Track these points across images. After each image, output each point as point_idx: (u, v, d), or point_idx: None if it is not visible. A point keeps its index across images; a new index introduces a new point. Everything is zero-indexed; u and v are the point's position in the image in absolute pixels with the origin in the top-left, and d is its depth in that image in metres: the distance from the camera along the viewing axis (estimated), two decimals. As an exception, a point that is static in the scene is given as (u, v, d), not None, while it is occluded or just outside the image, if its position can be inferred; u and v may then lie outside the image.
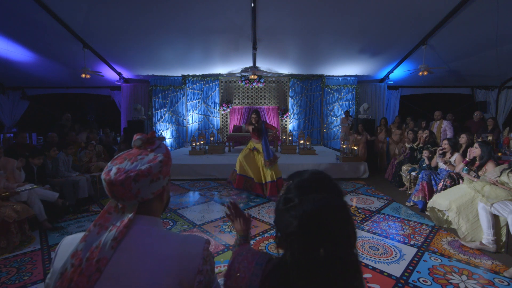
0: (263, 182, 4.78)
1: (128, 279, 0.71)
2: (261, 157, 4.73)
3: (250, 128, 4.81)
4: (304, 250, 0.62)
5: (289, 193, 0.71)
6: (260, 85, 9.66)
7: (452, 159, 4.19)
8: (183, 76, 9.66)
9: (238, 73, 9.54)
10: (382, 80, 9.91)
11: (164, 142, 0.94)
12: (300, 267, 0.62)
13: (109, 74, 8.94)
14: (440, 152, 4.37)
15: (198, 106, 9.95)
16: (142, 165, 0.80)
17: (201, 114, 9.99)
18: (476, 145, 3.65)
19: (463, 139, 4.42)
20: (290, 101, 9.98)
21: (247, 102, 10.07)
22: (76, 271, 0.70)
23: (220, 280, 1.06)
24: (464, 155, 4.24)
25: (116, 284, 0.70)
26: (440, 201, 3.45)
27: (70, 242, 0.79)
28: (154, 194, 0.83)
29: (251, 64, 8.82)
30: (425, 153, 4.83)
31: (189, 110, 9.93)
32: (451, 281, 2.42)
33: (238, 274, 0.73)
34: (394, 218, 3.93)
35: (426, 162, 4.74)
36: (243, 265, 0.74)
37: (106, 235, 0.75)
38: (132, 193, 0.78)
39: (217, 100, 9.97)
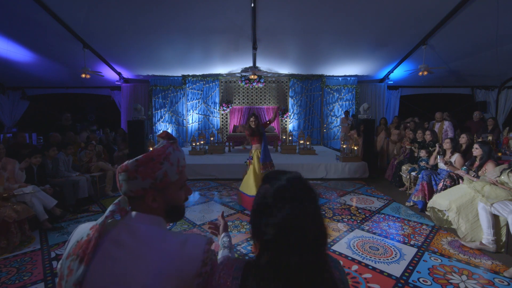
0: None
1: (126, 279, 0.71)
2: (257, 162, 4.30)
3: (249, 131, 4.35)
4: (279, 256, 0.66)
5: (265, 199, 0.73)
6: (260, 85, 9.66)
7: (452, 159, 4.19)
8: (183, 76, 9.66)
9: (238, 73, 9.53)
10: (382, 80, 9.91)
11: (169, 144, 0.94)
12: (274, 271, 0.67)
13: (109, 74, 8.94)
14: (440, 152, 4.37)
15: (198, 106, 9.95)
16: (131, 160, 0.83)
17: (201, 114, 9.99)
18: (476, 145, 3.65)
19: (463, 139, 4.42)
20: (290, 101, 9.98)
21: (247, 102, 10.07)
22: (87, 239, 0.74)
23: None
24: (464, 155, 4.24)
25: (114, 283, 0.70)
26: (440, 201, 3.45)
27: (82, 230, 0.81)
28: (134, 193, 0.81)
29: (251, 64, 8.82)
30: (422, 152, 4.82)
31: (189, 110, 9.93)
32: (451, 281, 2.43)
33: (219, 282, 0.75)
34: (394, 218, 3.93)
35: (423, 163, 4.73)
36: (224, 272, 0.76)
37: (109, 209, 0.79)
38: (119, 184, 0.82)
39: (217, 100, 9.97)
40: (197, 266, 0.75)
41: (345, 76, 9.76)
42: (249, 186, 4.23)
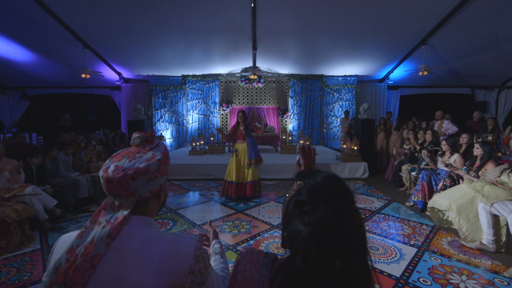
0: (245, 182, 4.63)
1: (119, 280, 0.71)
2: (244, 157, 4.62)
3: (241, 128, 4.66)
4: (320, 259, 0.60)
5: (300, 196, 0.68)
6: (260, 85, 9.65)
7: (452, 160, 4.18)
8: (183, 76, 9.66)
9: (238, 73, 9.53)
10: (382, 80, 9.91)
11: (163, 141, 0.92)
12: (315, 275, 0.61)
13: (109, 74, 8.94)
14: (439, 153, 4.37)
15: (198, 106, 9.95)
16: (140, 163, 0.80)
17: (201, 114, 9.99)
18: (476, 145, 3.65)
19: (463, 139, 4.42)
20: (290, 101, 9.98)
21: (247, 102, 10.07)
22: (71, 267, 0.70)
23: None
24: (464, 155, 4.24)
25: (108, 286, 0.71)
26: (440, 201, 3.45)
27: (65, 241, 0.79)
28: (151, 192, 0.82)
29: (251, 64, 8.82)
30: (424, 153, 4.81)
31: (189, 110, 9.93)
32: (451, 281, 2.43)
33: (245, 276, 0.71)
34: (394, 218, 3.93)
35: (427, 160, 4.71)
36: (249, 266, 0.73)
37: (100, 231, 0.75)
38: (130, 191, 0.78)
39: (217, 100, 9.97)
40: (190, 263, 0.76)
41: (345, 76, 9.75)
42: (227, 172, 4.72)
